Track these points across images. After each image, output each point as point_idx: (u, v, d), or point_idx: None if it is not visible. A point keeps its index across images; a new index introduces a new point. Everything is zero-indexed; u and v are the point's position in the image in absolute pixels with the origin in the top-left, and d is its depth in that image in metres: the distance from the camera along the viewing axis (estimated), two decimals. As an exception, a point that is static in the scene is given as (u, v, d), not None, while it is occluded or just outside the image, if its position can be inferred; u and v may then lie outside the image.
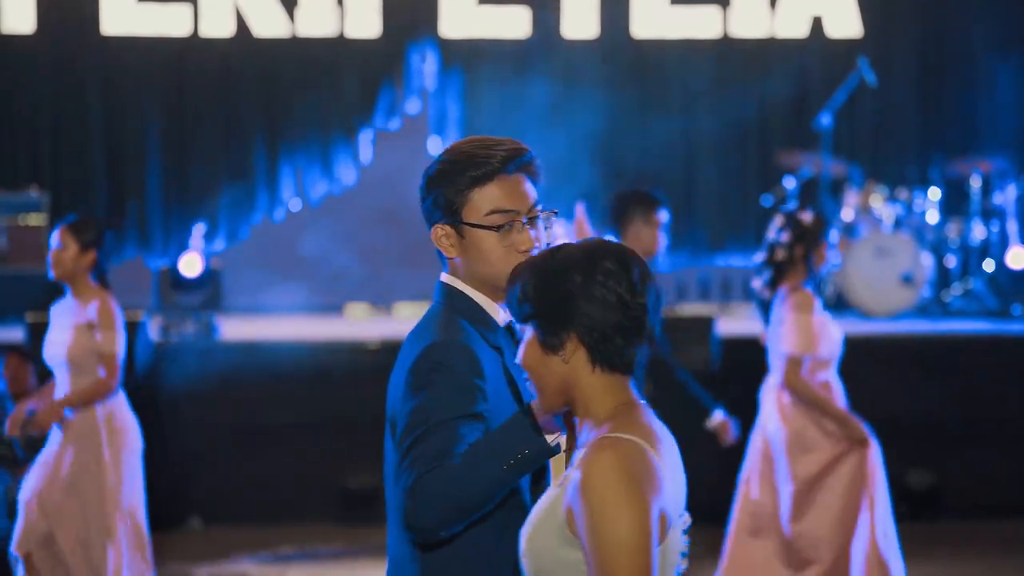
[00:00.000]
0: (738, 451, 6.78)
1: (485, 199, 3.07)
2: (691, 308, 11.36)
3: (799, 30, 12.53)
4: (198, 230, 11.42)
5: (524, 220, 3.09)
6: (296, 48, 12.33)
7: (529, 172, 3.13)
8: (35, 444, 6.56)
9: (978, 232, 11.55)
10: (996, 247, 11.65)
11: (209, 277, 10.55)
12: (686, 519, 2.69)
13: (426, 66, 12.51)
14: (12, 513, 6.67)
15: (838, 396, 6.37)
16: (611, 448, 2.58)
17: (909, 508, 8.93)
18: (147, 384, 8.99)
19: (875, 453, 6.29)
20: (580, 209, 7.25)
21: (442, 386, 2.94)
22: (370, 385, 4.96)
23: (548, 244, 3.04)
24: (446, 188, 3.09)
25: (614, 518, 2.51)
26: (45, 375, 6.80)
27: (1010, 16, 12.61)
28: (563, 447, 2.90)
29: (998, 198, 11.60)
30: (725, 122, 12.21)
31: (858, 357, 7.64)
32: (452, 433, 2.90)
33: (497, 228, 3.07)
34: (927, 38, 12.62)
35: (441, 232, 3.11)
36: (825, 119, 11.55)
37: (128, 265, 12.22)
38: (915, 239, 11.11)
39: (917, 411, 9.30)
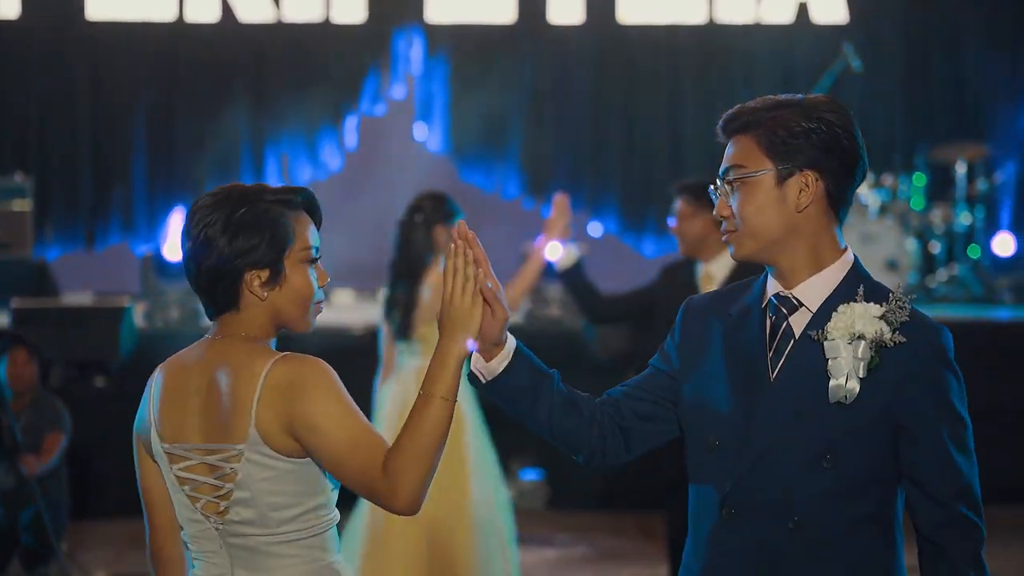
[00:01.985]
0: None
1: None
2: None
3: (785, 15, 12.53)
4: (177, 213, 11.38)
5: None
6: (282, 33, 12.31)
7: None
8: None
9: (963, 218, 11.57)
10: (981, 233, 11.67)
11: (194, 263, 10.50)
12: (183, 448, 2.94)
13: (412, 51, 12.50)
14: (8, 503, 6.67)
15: None
16: None
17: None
18: (131, 370, 8.98)
19: None
20: (560, 198, 6.72)
21: None
22: (354, 370, 4.97)
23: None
24: None
25: None
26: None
27: (996, 1, 12.61)
28: None
29: (983, 184, 11.62)
30: (711, 107, 12.19)
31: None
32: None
33: None
34: (913, 23, 12.62)
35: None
36: (811, 105, 11.53)
37: (113, 251, 12.22)
38: (900, 225, 11.12)
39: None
